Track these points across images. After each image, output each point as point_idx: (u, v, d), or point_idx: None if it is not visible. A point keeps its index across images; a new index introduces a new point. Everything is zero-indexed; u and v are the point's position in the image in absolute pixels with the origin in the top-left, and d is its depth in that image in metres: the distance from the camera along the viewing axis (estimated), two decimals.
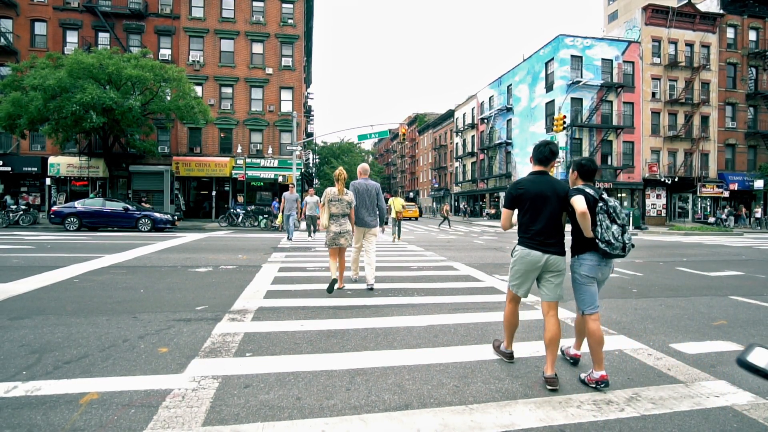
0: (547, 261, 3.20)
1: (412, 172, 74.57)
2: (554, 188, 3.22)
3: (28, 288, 5.95)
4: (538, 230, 3.21)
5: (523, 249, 3.26)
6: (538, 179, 3.26)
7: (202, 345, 3.79)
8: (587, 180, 3.31)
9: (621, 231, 3.06)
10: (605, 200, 3.13)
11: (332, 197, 6.15)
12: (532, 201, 3.21)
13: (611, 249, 3.04)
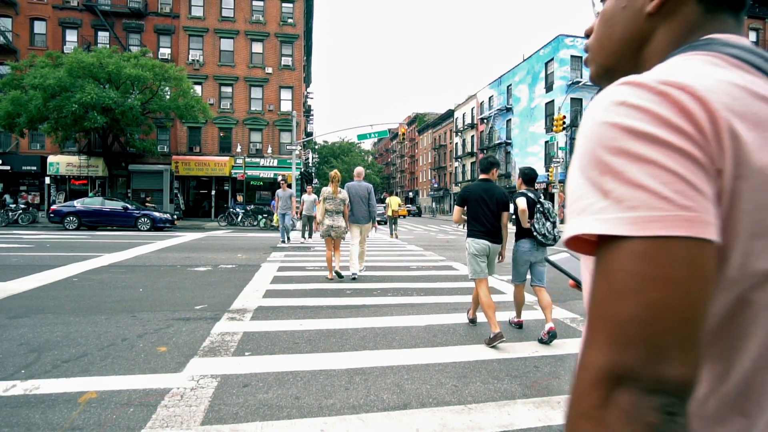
0: (490, 248, 4.22)
1: (411, 171, 74.58)
2: (492, 193, 4.21)
3: (28, 287, 5.94)
4: (480, 224, 4.20)
5: (472, 239, 4.23)
6: (482, 185, 4.24)
7: (201, 344, 3.79)
8: (529, 185, 4.39)
9: (552, 226, 4.23)
10: (542, 203, 4.25)
11: (327, 195, 7.00)
12: (476, 201, 4.20)
13: (545, 239, 4.18)
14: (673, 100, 0.42)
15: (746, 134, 0.42)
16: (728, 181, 0.41)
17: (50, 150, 26.56)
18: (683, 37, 0.55)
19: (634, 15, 0.58)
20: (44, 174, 26.41)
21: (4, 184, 26.82)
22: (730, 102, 0.43)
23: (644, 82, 0.44)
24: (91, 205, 18.26)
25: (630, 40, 0.59)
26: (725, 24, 0.54)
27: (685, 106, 0.41)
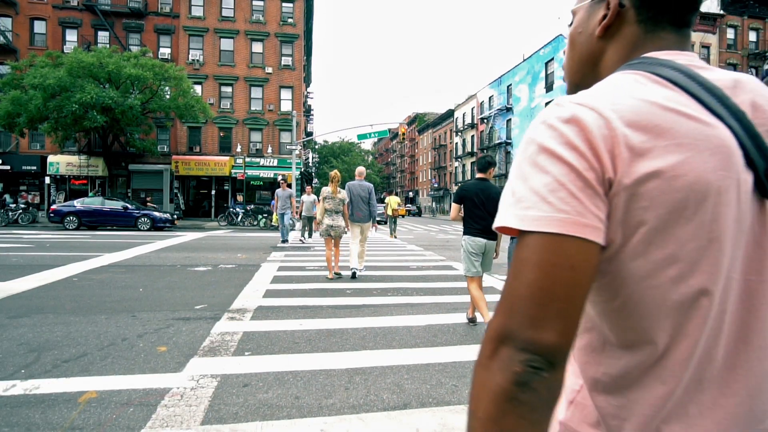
0: (486, 245, 4.35)
1: (411, 171, 74.58)
2: (489, 192, 4.33)
3: (27, 286, 5.94)
4: (477, 222, 4.33)
5: (469, 237, 4.37)
6: (479, 184, 4.36)
7: (201, 344, 3.79)
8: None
9: None
10: None
11: (327, 195, 7.10)
12: (472, 200, 4.32)
13: None
14: (579, 121, 0.53)
15: (646, 144, 0.51)
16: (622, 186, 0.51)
17: (50, 150, 26.55)
18: (627, 55, 0.65)
19: (588, 38, 0.68)
20: (44, 174, 26.40)
21: (4, 184, 26.82)
22: (634, 117, 0.52)
23: (564, 103, 0.56)
24: (91, 205, 18.26)
25: (587, 60, 0.70)
26: (665, 41, 0.63)
27: (586, 127, 0.52)
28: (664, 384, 0.55)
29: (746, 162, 0.54)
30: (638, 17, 0.63)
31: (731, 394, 0.55)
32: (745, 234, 0.55)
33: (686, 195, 0.51)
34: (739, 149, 0.54)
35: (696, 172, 0.51)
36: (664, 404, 0.55)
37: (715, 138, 0.53)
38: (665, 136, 0.52)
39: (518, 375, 0.48)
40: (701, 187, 0.51)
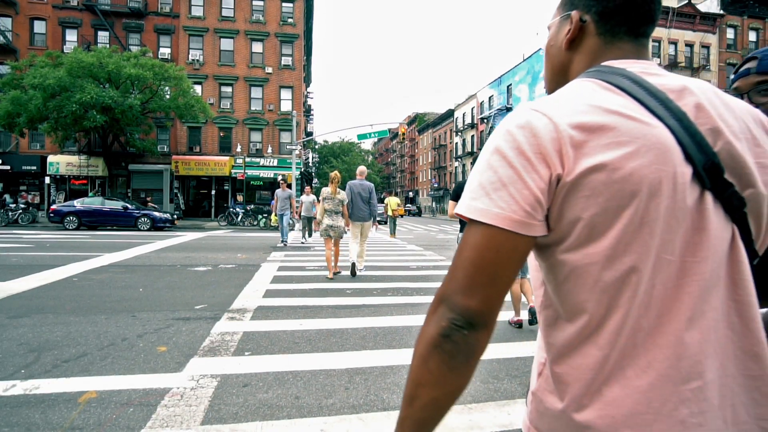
0: None
1: (411, 171, 74.58)
2: None
3: (27, 286, 5.94)
4: None
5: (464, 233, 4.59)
6: None
7: (201, 344, 3.79)
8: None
9: None
10: None
11: (326, 196, 7.17)
12: None
13: None
14: (531, 126, 0.63)
15: (589, 142, 0.60)
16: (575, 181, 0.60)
17: (50, 150, 26.55)
18: (590, 64, 0.74)
19: (558, 50, 0.79)
20: (44, 174, 26.40)
21: (4, 184, 26.81)
22: (580, 119, 0.62)
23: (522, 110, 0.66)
24: (91, 205, 18.27)
25: (558, 69, 0.80)
26: (622, 50, 0.72)
27: (537, 131, 0.62)
28: (600, 350, 0.63)
29: (685, 157, 0.62)
30: (598, 30, 0.73)
31: (663, 358, 0.62)
32: (684, 220, 0.62)
33: (623, 186, 0.60)
34: (678, 146, 0.62)
35: (633, 166, 0.60)
36: (602, 368, 0.63)
37: (653, 136, 0.61)
38: (607, 135, 0.60)
39: (443, 329, 0.61)
40: (637, 179, 0.60)
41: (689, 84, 0.67)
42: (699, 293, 0.62)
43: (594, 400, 0.64)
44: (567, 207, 0.62)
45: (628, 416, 0.62)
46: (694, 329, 0.62)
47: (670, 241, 0.62)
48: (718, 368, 0.63)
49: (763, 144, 0.68)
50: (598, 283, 0.63)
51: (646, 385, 0.62)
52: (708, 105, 0.66)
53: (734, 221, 0.65)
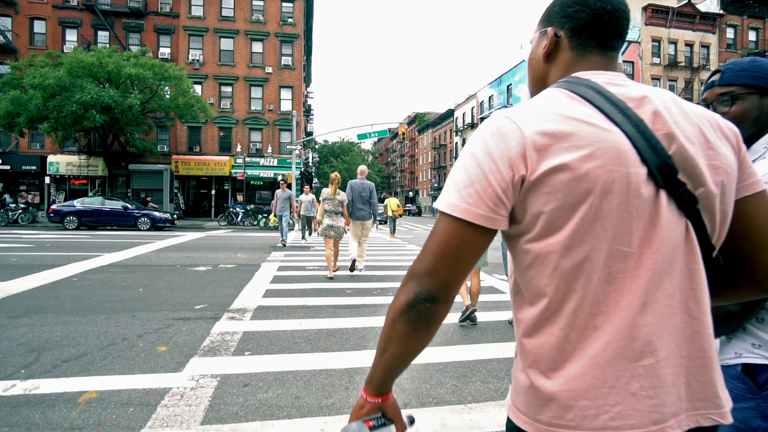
0: None
1: (411, 171, 74.56)
2: None
3: (27, 286, 5.94)
4: None
5: None
6: None
7: (201, 344, 3.79)
8: None
9: None
10: None
11: (326, 197, 7.24)
12: None
13: None
14: (501, 132, 0.72)
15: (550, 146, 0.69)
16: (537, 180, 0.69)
17: (50, 150, 26.54)
18: (564, 75, 0.83)
19: (537, 62, 0.88)
20: (44, 174, 26.39)
21: (4, 184, 26.80)
22: (543, 126, 0.70)
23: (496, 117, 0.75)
24: (91, 205, 18.27)
25: (538, 79, 0.90)
26: (592, 62, 0.81)
27: (505, 136, 0.71)
28: (562, 330, 0.72)
29: (640, 159, 0.70)
30: (570, 45, 0.83)
31: (619, 338, 0.70)
32: (641, 216, 0.70)
33: (579, 184, 0.68)
34: (633, 149, 0.70)
35: (588, 167, 0.68)
36: (564, 346, 0.72)
37: (609, 141, 0.69)
38: (567, 139, 0.69)
39: (410, 300, 0.73)
40: (592, 178, 0.68)
41: (649, 93, 0.75)
42: (652, 280, 0.70)
43: (557, 375, 0.72)
44: (531, 202, 0.71)
45: (587, 389, 0.70)
46: (647, 313, 0.70)
47: (626, 234, 0.70)
48: (673, 349, 0.71)
49: (716, 147, 0.75)
50: (556, 270, 0.71)
51: (603, 362, 0.70)
52: (665, 112, 0.73)
53: (688, 216, 0.73)
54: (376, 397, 0.83)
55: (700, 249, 0.74)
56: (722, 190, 0.75)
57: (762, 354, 1.09)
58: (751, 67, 1.20)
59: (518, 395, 0.79)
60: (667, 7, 33.66)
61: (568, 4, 0.82)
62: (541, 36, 0.87)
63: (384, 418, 0.85)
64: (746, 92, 1.20)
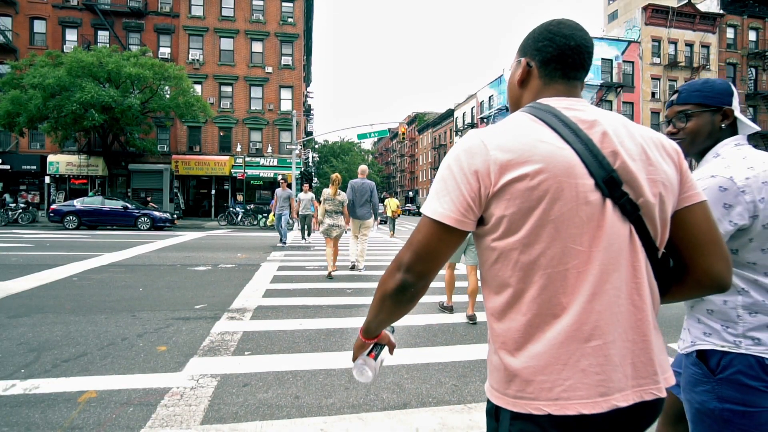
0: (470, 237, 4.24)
1: (411, 171, 74.53)
2: None
3: (27, 286, 5.94)
4: None
5: None
6: None
7: (201, 344, 3.79)
8: None
9: None
10: None
11: (327, 197, 7.39)
12: None
13: None
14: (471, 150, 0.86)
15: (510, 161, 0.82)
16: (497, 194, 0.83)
17: (50, 149, 26.54)
18: (533, 99, 0.97)
19: (514, 87, 1.04)
20: (44, 173, 26.38)
21: (4, 184, 26.80)
22: (505, 144, 0.84)
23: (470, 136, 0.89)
24: (91, 205, 18.25)
25: (514, 102, 1.05)
26: (557, 90, 0.95)
27: (475, 154, 0.85)
28: (524, 315, 0.85)
29: (588, 172, 0.83)
30: (539, 74, 0.97)
31: (573, 323, 0.82)
32: (590, 220, 0.83)
33: (533, 193, 0.81)
34: (582, 164, 0.83)
35: (541, 178, 0.81)
36: (525, 329, 0.85)
37: (561, 156, 0.82)
38: (524, 155, 0.82)
39: (398, 285, 0.90)
40: (544, 187, 0.81)
41: (600, 117, 0.89)
42: (601, 275, 0.83)
43: (521, 354, 0.85)
44: (494, 208, 0.84)
45: (544, 366, 0.83)
46: (597, 302, 0.83)
47: (577, 235, 0.83)
48: (620, 333, 0.84)
49: (656, 163, 0.89)
50: (517, 264, 0.85)
51: (558, 344, 0.82)
52: (612, 133, 0.87)
53: (631, 222, 0.86)
54: (372, 339, 1.11)
55: (646, 250, 0.88)
56: (661, 200, 0.88)
57: (712, 341, 1.26)
58: (703, 88, 1.35)
59: (492, 375, 0.92)
60: (667, 7, 33.65)
61: (539, 39, 0.96)
62: (518, 64, 1.01)
63: (378, 345, 1.15)
64: (699, 110, 1.35)
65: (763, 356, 1.19)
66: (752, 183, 1.20)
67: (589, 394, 0.81)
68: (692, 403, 1.31)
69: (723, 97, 1.34)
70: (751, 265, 1.23)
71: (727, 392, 1.22)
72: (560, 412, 0.81)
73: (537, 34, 0.98)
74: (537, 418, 0.83)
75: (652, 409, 0.87)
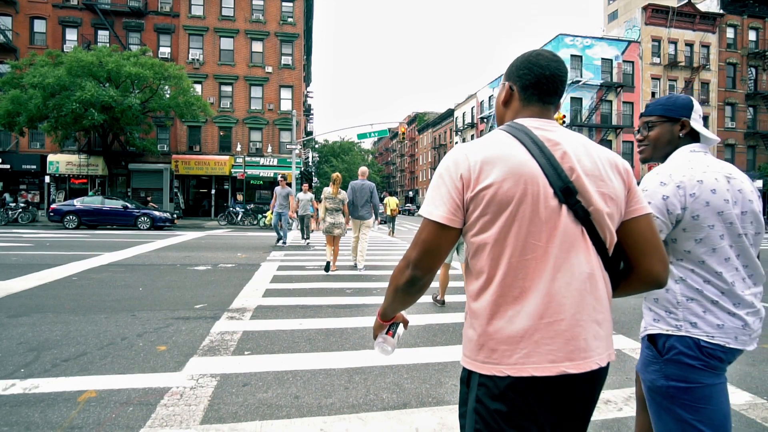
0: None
1: (411, 171, 74.51)
2: None
3: (27, 286, 5.94)
4: None
5: None
6: None
7: (201, 343, 3.79)
8: None
9: None
10: None
11: (327, 195, 7.62)
12: None
13: None
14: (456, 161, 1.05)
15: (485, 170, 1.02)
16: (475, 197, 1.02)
17: (50, 149, 26.54)
18: (513, 117, 1.18)
19: (499, 105, 1.24)
20: (44, 173, 26.38)
21: (4, 183, 26.80)
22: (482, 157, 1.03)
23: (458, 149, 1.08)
24: (91, 204, 18.25)
25: (499, 117, 1.24)
26: (532, 111, 1.15)
27: (459, 164, 1.04)
28: (492, 295, 1.05)
29: (549, 182, 1.02)
30: (519, 97, 1.17)
31: (531, 303, 1.02)
32: (548, 220, 1.02)
33: (502, 197, 1.01)
34: (543, 175, 1.02)
35: (509, 185, 1.01)
36: (492, 308, 1.05)
37: (527, 168, 1.02)
38: (497, 166, 1.02)
39: (408, 279, 1.09)
40: (511, 193, 1.01)
41: (564, 138, 1.09)
42: (555, 266, 1.03)
43: (488, 328, 1.05)
44: (473, 209, 1.04)
45: (505, 338, 1.03)
46: (550, 287, 1.02)
47: (537, 233, 1.02)
48: (573, 313, 1.03)
49: (607, 179, 1.08)
50: (490, 255, 1.05)
51: (517, 319, 1.02)
52: (572, 152, 1.07)
53: (583, 224, 1.05)
54: (388, 321, 1.30)
55: (597, 248, 1.07)
56: (609, 210, 1.07)
57: (659, 326, 1.46)
58: (666, 102, 1.58)
59: (466, 346, 1.12)
60: (667, 7, 33.63)
61: (520, 67, 1.16)
62: (502, 87, 1.21)
63: (394, 324, 1.33)
64: (661, 121, 1.59)
65: (699, 338, 1.38)
66: (687, 180, 1.41)
67: (541, 361, 1.01)
68: (645, 382, 1.50)
69: (682, 110, 1.56)
70: (686, 253, 1.43)
71: (672, 371, 1.40)
72: (517, 374, 1.01)
73: (519, 62, 1.17)
74: (499, 379, 1.03)
75: (597, 377, 1.07)
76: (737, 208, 1.42)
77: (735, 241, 1.41)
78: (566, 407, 1.06)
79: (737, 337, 1.38)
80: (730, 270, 1.40)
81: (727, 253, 1.40)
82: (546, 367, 1.00)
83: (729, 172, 1.46)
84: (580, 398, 1.07)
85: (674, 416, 1.40)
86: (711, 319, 1.38)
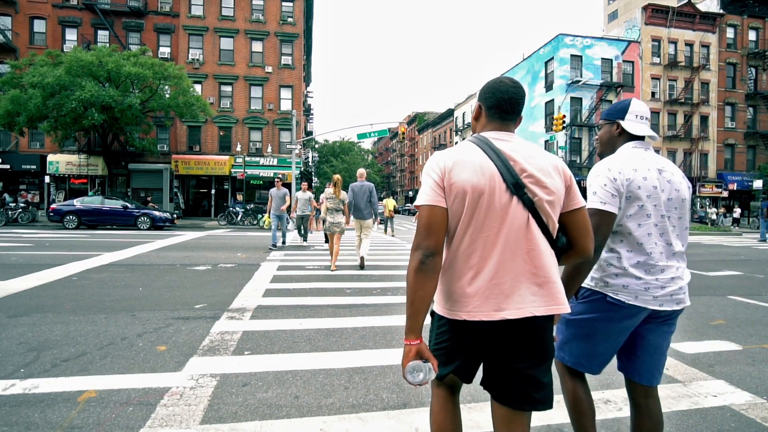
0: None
1: (411, 171, 74.48)
2: None
3: (27, 286, 5.94)
4: None
5: None
6: None
7: (201, 343, 3.79)
8: None
9: None
10: None
11: (328, 196, 7.96)
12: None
13: None
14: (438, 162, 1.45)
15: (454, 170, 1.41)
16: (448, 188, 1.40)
17: (50, 149, 26.54)
18: (481, 130, 1.54)
19: (473, 120, 1.61)
20: (44, 173, 26.38)
21: (4, 183, 26.79)
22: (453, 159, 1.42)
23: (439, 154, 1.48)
24: (91, 204, 18.24)
25: (473, 129, 1.61)
26: (495, 125, 1.51)
27: (439, 165, 1.44)
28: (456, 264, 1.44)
29: (502, 179, 1.38)
30: (485, 114, 1.54)
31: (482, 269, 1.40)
32: (501, 209, 1.38)
33: (464, 190, 1.38)
34: (499, 174, 1.39)
35: (473, 181, 1.37)
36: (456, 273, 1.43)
37: (486, 169, 1.39)
38: (462, 166, 1.39)
39: (420, 259, 1.36)
40: (474, 187, 1.37)
41: (518, 146, 1.45)
42: (505, 245, 1.39)
43: (453, 287, 1.44)
44: (448, 198, 1.40)
45: (463, 294, 1.41)
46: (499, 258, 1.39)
47: (493, 217, 1.38)
48: (513, 277, 1.39)
49: (548, 177, 1.42)
50: (458, 234, 1.42)
51: (472, 281, 1.40)
52: (521, 158, 1.42)
53: (529, 211, 1.40)
54: (416, 340, 1.40)
55: (542, 231, 1.41)
56: (549, 201, 1.41)
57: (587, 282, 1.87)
58: (609, 107, 1.96)
59: (437, 297, 1.52)
60: (667, 7, 33.62)
61: (487, 92, 1.52)
62: (476, 105, 1.57)
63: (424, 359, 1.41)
64: (603, 123, 2.00)
65: (604, 292, 1.80)
66: (625, 168, 1.75)
67: (488, 309, 1.38)
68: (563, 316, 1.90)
69: (617, 113, 1.92)
70: (619, 226, 1.78)
71: (576, 307, 1.89)
72: (470, 318, 1.40)
73: (487, 87, 1.52)
74: (456, 322, 1.45)
75: (533, 322, 1.39)
76: (664, 195, 1.77)
77: (659, 221, 1.76)
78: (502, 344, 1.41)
79: (637, 296, 1.74)
80: (650, 243, 1.75)
81: (651, 229, 1.75)
82: (491, 314, 1.37)
83: (662, 165, 1.82)
84: (516, 337, 1.40)
85: (570, 331, 1.92)
86: (619, 282, 1.76)
